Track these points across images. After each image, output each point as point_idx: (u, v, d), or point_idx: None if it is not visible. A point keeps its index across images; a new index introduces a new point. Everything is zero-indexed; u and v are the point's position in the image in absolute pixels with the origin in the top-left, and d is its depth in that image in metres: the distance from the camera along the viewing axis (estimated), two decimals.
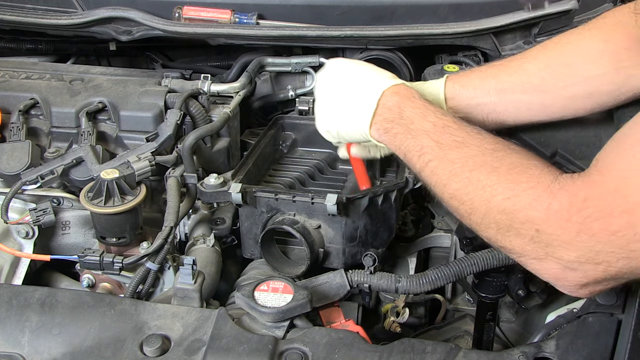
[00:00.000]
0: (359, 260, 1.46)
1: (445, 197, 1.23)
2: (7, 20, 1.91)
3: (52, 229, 1.60)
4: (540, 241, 1.08)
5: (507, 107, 1.49)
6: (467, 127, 1.27)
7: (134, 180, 1.50)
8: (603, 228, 1.02)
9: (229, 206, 1.66)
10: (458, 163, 1.21)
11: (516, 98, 1.48)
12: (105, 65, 2.12)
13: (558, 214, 1.06)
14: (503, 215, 1.12)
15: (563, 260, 1.07)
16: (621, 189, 1.01)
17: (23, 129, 1.65)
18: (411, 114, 1.31)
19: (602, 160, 1.08)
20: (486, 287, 1.53)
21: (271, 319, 1.22)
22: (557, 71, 1.44)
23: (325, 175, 1.72)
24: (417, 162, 1.28)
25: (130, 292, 1.39)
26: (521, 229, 1.10)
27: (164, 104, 1.68)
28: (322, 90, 1.48)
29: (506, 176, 1.14)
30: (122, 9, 1.85)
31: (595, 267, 1.05)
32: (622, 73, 1.39)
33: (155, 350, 1.17)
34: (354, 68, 1.45)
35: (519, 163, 1.16)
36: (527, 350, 1.18)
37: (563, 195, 1.06)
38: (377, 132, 1.37)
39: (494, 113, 1.49)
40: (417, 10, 1.79)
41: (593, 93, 1.43)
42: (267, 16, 1.84)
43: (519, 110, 1.49)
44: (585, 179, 1.07)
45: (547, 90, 1.45)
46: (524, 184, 1.11)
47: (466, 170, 1.19)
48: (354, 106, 1.39)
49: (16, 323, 1.22)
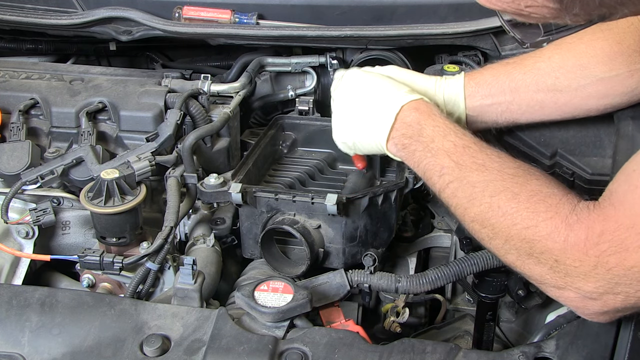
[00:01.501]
0: (359, 260, 1.46)
1: (466, 220, 1.25)
2: (7, 20, 1.91)
3: (52, 229, 1.60)
4: (560, 271, 1.09)
5: (521, 105, 1.49)
6: (488, 149, 1.27)
7: (134, 180, 1.50)
8: (619, 263, 1.03)
9: (229, 206, 1.66)
10: (479, 187, 1.21)
11: (529, 97, 1.48)
12: (105, 65, 2.12)
13: (575, 247, 1.07)
14: (523, 243, 1.13)
15: (582, 290, 1.08)
16: (635, 225, 1.02)
17: (23, 129, 1.65)
18: (432, 132, 1.32)
19: (615, 193, 1.08)
20: (486, 287, 1.53)
21: (271, 319, 1.22)
22: (571, 72, 1.44)
23: (325, 175, 1.72)
24: (437, 182, 1.29)
25: (130, 292, 1.39)
26: (541, 258, 1.11)
27: (164, 104, 1.68)
28: (340, 102, 1.47)
29: (526, 204, 1.15)
30: (122, 9, 1.85)
31: (614, 297, 1.06)
32: (636, 76, 1.39)
33: (155, 350, 1.17)
34: (372, 81, 1.45)
35: (538, 190, 1.16)
36: (527, 350, 1.18)
37: (580, 228, 1.07)
38: (394, 147, 1.38)
39: (507, 112, 1.50)
40: (417, 10, 1.79)
41: (607, 94, 1.43)
42: (267, 16, 1.84)
43: (532, 109, 1.49)
44: (600, 212, 1.08)
45: (560, 90, 1.45)
46: (542, 213, 1.12)
47: (487, 195, 1.19)
48: (371, 119, 1.39)
49: (16, 323, 1.22)
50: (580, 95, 1.45)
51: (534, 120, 1.52)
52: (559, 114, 1.49)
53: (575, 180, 1.57)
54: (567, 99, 1.46)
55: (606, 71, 1.41)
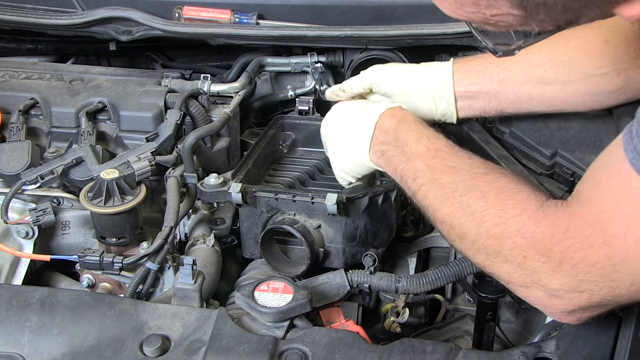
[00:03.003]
0: (359, 260, 1.46)
1: (436, 221, 1.27)
2: (7, 20, 1.91)
3: (52, 229, 1.60)
4: (527, 268, 1.10)
5: (508, 95, 1.50)
6: (459, 151, 1.30)
7: (134, 180, 1.50)
8: (583, 259, 1.04)
9: (229, 206, 1.66)
10: (449, 188, 1.23)
11: (517, 88, 1.48)
12: (105, 65, 2.12)
13: (542, 243, 1.08)
14: (492, 240, 1.14)
15: (548, 287, 1.09)
16: (599, 221, 1.03)
17: (23, 129, 1.65)
18: (405, 136, 1.35)
19: (582, 192, 1.09)
20: (486, 287, 1.53)
21: (271, 319, 1.22)
22: (559, 66, 1.45)
23: (325, 175, 1.72)
24: (411, 185, 1.31)
25: (130, 292, 1.39)
26: (509, 255, 1.12)
27: (164, 104, 1.68)
28: (330, 138, 1.51)
29: (494, 202, 1.16)
30: (122, 9, 1.85)
31: (579, 295, 1.07)
32: (623, 75, 1.39)
33: (155, 350, 1.17)
34: (352, 105, 1.50)
35: (506, 187, 1.17)
36: (527, 350, 1.18)
37: (546, 224, 1.08)
38: (375, 155, 1.40)
39: (495, 100, 1.51)
40: (417, 10, 1.79)
41: (594, 92, 1.44)
42: (267, 16, 1.84)
43: (519, 100, 1.50)
44: (566, 209, 1.08)
45: (548, 83, 1.46)
46: (510, 210, 1.13)
47: (457, 195, 1.21)
48: (355, 137, 1.42)
49: (16, 323, 1.22)
50: (568, 90, 1.45)
51: (521, 112, 1.53)
52: (546, 107, 1.50)
53: (575, 180, 1.56)
54: (554, 92, 1.47)
55: (594, 68, 1.41)
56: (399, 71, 1.54)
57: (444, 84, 1.51)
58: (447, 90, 1.51)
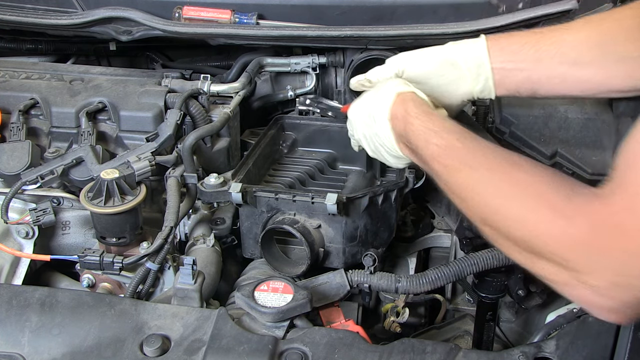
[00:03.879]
0: (359, 260, 1.46)
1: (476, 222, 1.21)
2: (7, 20, 1.90)
3: (52, 229, 1.60)
4: (569, 268, 1.06)
5: (541, 77, 1.44)
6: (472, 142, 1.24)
7: (134, 180, 1.50)
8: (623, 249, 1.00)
9: (229, 206, 1.67)
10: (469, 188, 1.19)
11: (553, 68, 1.43)
12: (105, 65, 2.12)
13: (579, 241, 1.04)
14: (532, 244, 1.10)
15: (592, 286, 1.04)
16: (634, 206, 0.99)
17: (23, 129, 1.65)
18: (415, 139, 1.31)
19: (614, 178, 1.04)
20: (486, 287, 1.53)
21: (271, 319, 1.22)
22: (595, 47, 1.39)
23: (326, 175, 1.72)
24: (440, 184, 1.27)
25: (130, 292, 1.39)
26: (550, 258, 1.08)
27: (164, 104, 1.68)
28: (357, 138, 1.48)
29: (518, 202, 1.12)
30: (122, 9, 1.85)
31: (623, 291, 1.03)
32: None
33: (155, 350, 1.17)
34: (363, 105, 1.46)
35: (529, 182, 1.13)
36: (527, 350, 1.18)
37: (581, 221, 1.04)
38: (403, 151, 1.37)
39: (528, 81, 1.45)
40: (417, 10, 1.79)
41: (631, 75, 1.37)
42: (267, 16, 1.84)
43: (552, 82, 1.44)
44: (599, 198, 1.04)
45: (583, 65, 1.40)
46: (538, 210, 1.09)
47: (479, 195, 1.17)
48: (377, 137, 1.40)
49: (16, 323, 1.22)
50: (603, 73, 1.39)
51: (554, 94, 1.48)
52: (580, 90, 1.44)
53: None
54: (589, 75, 1.41)
55: (631, 50, 1.35)
56: (428, 54, 1.49)
57: (480, 60, 1.45)
58: (484, 67, 1.45)
